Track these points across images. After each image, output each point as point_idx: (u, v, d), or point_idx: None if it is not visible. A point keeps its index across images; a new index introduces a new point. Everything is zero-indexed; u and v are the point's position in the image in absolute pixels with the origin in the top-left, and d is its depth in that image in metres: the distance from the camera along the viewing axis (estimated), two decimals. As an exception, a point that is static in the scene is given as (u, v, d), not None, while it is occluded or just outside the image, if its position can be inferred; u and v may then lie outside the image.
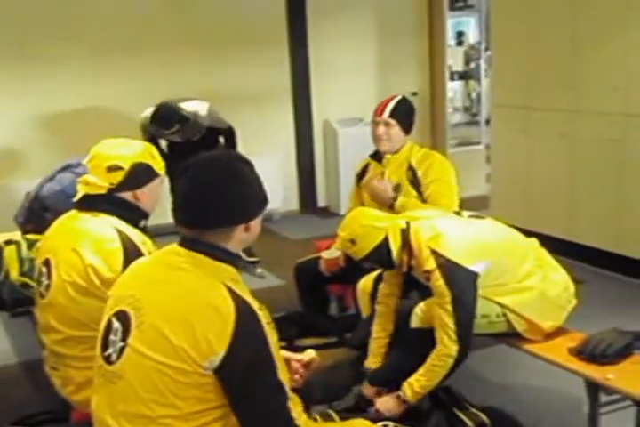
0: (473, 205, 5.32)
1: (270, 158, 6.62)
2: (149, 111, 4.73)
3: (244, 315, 1.65)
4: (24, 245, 3.23)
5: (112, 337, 1.76)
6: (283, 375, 1.70)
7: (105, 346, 1.79)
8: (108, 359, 1.76)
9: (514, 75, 5.43)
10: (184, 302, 1.68)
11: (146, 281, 1.81)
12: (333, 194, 6.98)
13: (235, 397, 1.67)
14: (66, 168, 3.94)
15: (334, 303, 4.06)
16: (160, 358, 1.64)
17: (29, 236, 3.28)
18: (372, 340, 3.05)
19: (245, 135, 6.47)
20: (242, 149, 6.21)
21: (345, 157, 6.60)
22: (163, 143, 4.94)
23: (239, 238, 1.80)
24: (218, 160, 1.83)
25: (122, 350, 1.72)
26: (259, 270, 5.16)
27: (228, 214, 1.77)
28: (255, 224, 1.84)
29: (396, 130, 3.51)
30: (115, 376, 1.73)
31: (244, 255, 5.09)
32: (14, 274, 3.16)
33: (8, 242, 3.30)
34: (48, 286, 2.37)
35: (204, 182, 1.76)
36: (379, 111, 3.54)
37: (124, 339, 1.73)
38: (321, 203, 7.14)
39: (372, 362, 3.02)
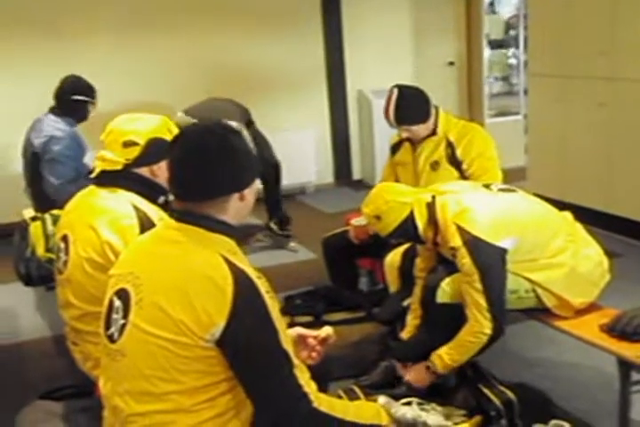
0: (512, 176, 5.20)
1: (304, 131, 6.58)
2: (182, 117, 4.62)
3: (242, 285, 1.63)
4: (49, 221, 3.24)
5: (114, 315, 1.76)
6: (287, 343, 1.68)
7: (108, 325, 1.78)
8: (110, 338, 1.76)
9: (551, 43, 5.25)
10: (179, 274, 1.67)
11: (143, 257, 1.80)
12: (368, 166, 6.90)
13: (239, 368, 1.65)
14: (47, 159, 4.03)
15: (365, 278, 4.03)
16: (160, 333, 1.63)
17: (54, 211, 3.29)
18: (408, 311, 3.03)
19: (279, 108, 6.46)
20: (275, 122, 6.21)
21: (380, 129, 6.48)
22: None
23: (235, 208, 1.78)
24: (206, 131, 1.79)
25: (123, 327, 1.72)
26: (292, 244, 5.14)
27: (220, 184, 1.74)
28: (249, 193, 1.80)
29: (415, 128, 3.38)
30: (118, 354, 1.73)
31: (276, 229, 5.13)
32: (40, 250, 3.18)
33: (34, 218, 3.32)
34: (66, 262, 2.37)
35: (194, 153, 1.73)
36: (388, 120, 3.39)
37: (124, 316, 1.72)
38: (356, 175, 7.07)
39: (405, 332, 3.01)
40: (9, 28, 5.46)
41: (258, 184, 1.88)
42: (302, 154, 6.53)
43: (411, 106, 3.35)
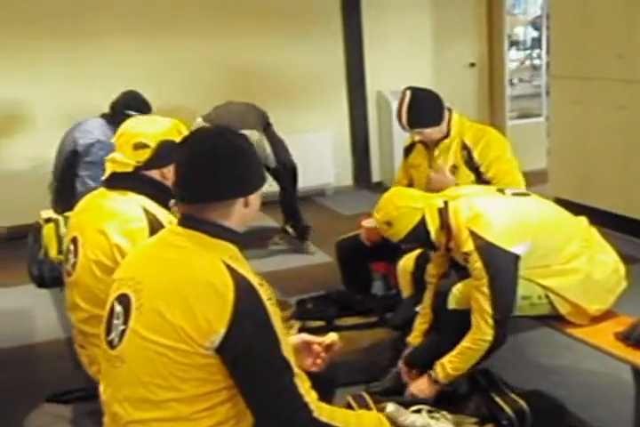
0: (533, 179, 5.13)
1: (323, 132, 6.56)
2: (200, 124, 4.65)
3: (244, 291, 1.61)
4: (62, 223, 3.24)
5: (115, 321, 1.75)
6: (288, 352, 1.65)
7: (108, 331, 1.77)
8: (110, 344, 1.75)
9: (571, 44, 5.19)
10: (180, 279, 1.65)
11: (146, 262, 1.79)
12: (387, 168, 6.85)
13: (239, 376, 1.63)
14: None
15: (380, 282, 3.99)
16: (160, 339, 1.62)
17: (68, 213, 3.29)
18: (417, 316, 3.00)
19: (299, 109, 6.44)
20: (295, 123, 6.19)
21: (399, 131, 6.38)
22: None
23: (239, 214, 1.76)
24: (214, 135, 1.78)
25: (123, 333, 1.71)
26: (308, 247, 5.10)
27: (226, 187, 1.72)
28: (254, 199, 1.79)
29: (428, 131, 3.33)
30: (117, 360, 1.71)
31: (292, 232, 5.10)
32: (53, 252, 3.17)
33: (48, 220, 3.32)
34: (74, 265, 2.37)
35: (201, 155, 1.72)
36: (400, 123, 3.36)
37: (125, 322, 1.71)
38: (375, 178, 7.02)
39: (412, 337, 2.98)
40: (28, 28, 5.49)
41: (264, 190, 1.85)
42: (321, 156, 6.50)
43: (423, 109, 3.30)
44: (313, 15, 6.39)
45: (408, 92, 3.32)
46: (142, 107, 4.27)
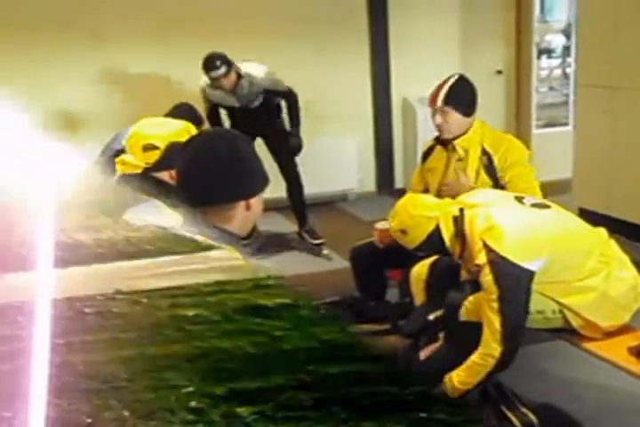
0: (557, 189, 5.09)
1: (347, 138, 6.53)
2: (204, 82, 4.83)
3: None
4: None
5: None
6: None
7: None
8: None
9: (600, 53, 5.10)
10: None
11: None
12: (411, 175, 6.76)
13: None
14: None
15: (396, 289, 3.94)
16: None
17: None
18: None
19: (323, 114, 6.40)
20: (319, 128, 6.16)
21: (424, 137, 6.35)
22: (223, 112, 4.95)
23: (241, 218, 1.75)
24: (217, 137, 1.80)
25: None
26: (325, 252, 5.08)
27: (227, 190, 1.72)
28: (256, 202, 1.78)
29: (453, 117, 3.29)
30: None
31: (308, 238, 5.08)
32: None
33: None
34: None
35: (203, 158, 1.73)
36: (433, 99, 3.33)
37: None
38: (398, 184, 6.97)
39: None
40: (49, 30, 5.50)
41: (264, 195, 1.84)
42: (345, 161, 6.48)
43: (464, 92, 3.35)
44: (339, 21, 6.35)
45: (456, 75, 3.41)
46: (194, 119, 4.27)
